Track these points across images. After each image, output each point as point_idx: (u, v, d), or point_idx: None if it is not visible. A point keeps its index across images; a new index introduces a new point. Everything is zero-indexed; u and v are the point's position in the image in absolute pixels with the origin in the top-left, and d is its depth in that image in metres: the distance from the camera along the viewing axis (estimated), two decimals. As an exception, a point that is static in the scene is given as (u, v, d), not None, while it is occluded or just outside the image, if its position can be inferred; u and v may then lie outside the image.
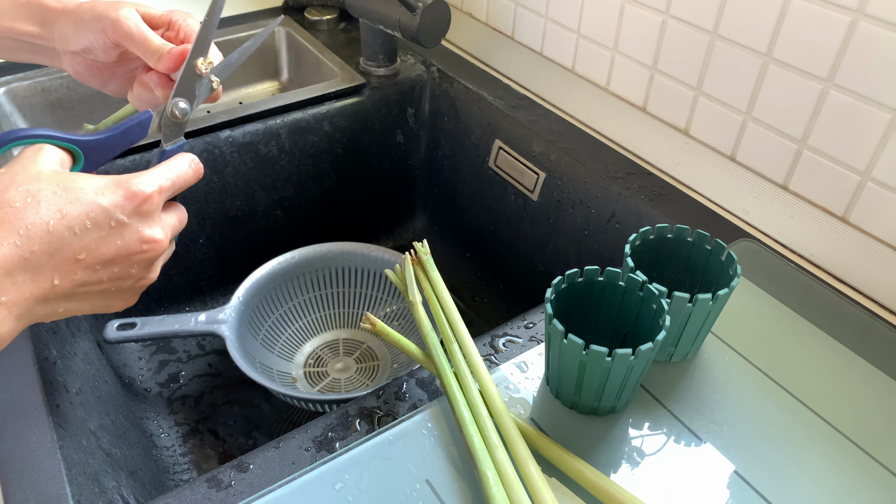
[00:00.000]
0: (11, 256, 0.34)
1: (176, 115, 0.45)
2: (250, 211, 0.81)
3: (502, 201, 0.83)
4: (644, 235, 0.48)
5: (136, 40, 0.47)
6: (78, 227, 0.36)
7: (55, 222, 0.35)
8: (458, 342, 0.45)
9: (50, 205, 0.36)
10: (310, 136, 0.81)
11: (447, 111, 0.87)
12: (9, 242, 0.34)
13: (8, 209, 0.35)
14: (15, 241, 0.34)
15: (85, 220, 0.36)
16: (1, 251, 0.34)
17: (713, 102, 0.63)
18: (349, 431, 0.43)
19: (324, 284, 0.78)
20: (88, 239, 0.36)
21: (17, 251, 0.34)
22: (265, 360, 0.72)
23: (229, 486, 0.40)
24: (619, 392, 0.42)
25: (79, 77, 0.50)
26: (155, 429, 0.70)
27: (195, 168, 0.43)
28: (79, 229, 0.36)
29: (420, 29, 0.71)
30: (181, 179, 0.42)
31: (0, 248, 0.34)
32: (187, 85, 0.45)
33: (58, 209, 0.36)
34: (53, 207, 0.36)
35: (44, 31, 0.48)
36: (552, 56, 0.80)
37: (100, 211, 0.37)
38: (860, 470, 0.42)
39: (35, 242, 0.35)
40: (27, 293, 0.35)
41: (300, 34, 0.93)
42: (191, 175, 0.43)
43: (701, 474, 0.41)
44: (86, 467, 0.44)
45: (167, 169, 0.41)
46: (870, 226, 0.54)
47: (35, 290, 0.35)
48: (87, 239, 0.36)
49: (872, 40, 0.50)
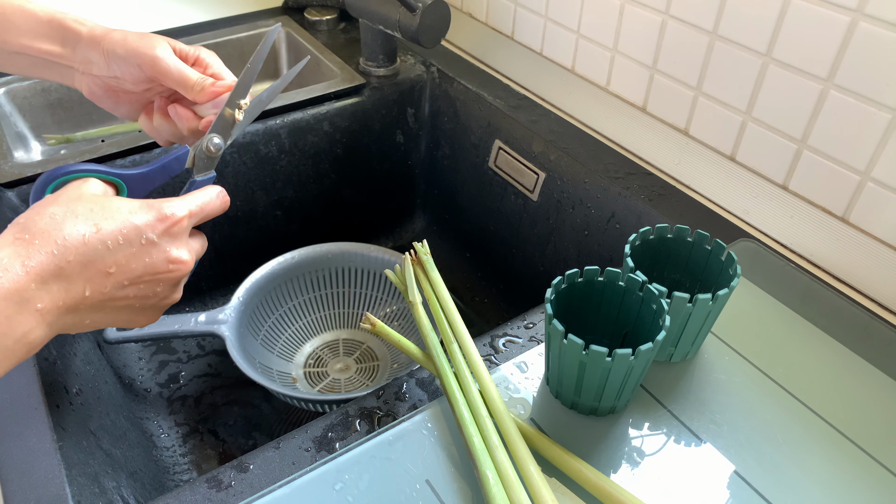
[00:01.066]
0: (48, 265, 0.36)
1: (210, 149, 0.48)
2: (250, 211, 0.81)
3: (502, 201, 0.83)
4: (644, 235, 0.48)
5: (174, 77, 0.49)
6: (111, 241, 0.38)
7: (90, 235, 0.37)
8: (458, 342, 0.45)
9: (87, 220, 0.38)
10: (309, 137, 0.81)
11: (447, 111, 0.87)
12: (47, 251, 0.36)
13: (49, 220, 0.37)
14: (52, 250, 0.36)
15: (118, 236, 0.38)
16: (39, 259, 0.36)
17: (713, 102, 0.63)
18: (349, 432, 0.43)
19: (324, 285, 0.78)
20: (120, 254, 0.38)
21: (54, 260, 0.36)
22: (265, 360, 0.72)
23: (229, 487, 0.40)
24: (619, 392, 0.42)
25: (92, 97, 0.52)
26: (155, 429, 0.70)
27: (222, 199, 0.46)
28: (112, 244, 0.38)
29: (420, 29, 0.71)
30: (209, 207, 0.45)
31: (38, 255, 0.36)
32: (224, 123, 0.49)
33: (94, 223, 0.38)
34: (90, 222, 0.38)
35: (65, 52, 0.49)
36: (552, 56, 0.80)
37: (132, 229, 0.39)
38: (860, 470, 0.42)
39: (71, 253, 0.37)
40: (60, 301, 0.37)
41: (300, 34, 0.93)
42: (218, 205, 0.46)
43: (701, 474, 0.41)
44: (86, 468, 0.44)
45: (197, 197, 0.44)
46: (870, 226, 0.54)
47: (67, 299, 0.37)
48: (118, 254, 0.38)
49: (872, 40, 0.50)
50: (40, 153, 0.81)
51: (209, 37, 0.90)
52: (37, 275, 0.35)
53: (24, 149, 0.80)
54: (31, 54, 0.49)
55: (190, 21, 0.95)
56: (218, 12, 0.98)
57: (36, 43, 0.49)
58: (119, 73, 0.49)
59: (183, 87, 0.49)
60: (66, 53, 0.49)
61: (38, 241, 0.36)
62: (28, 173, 0.65)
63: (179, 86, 0.49)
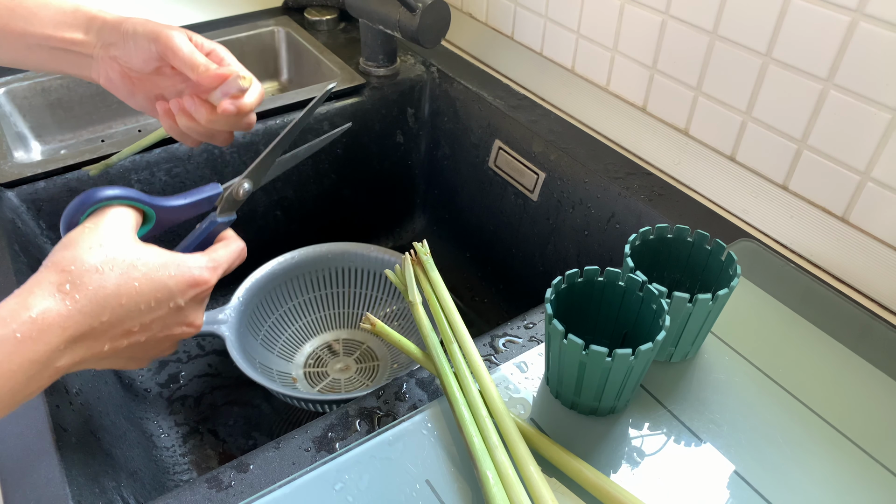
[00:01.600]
0: (81, 326, 0.36)
1: (240, 194, 0.49)
2: (250, 211, 0.81)
3: (502, 201, 0.83)
4: (644, 235, 0.48)
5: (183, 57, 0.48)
6: (144, 304, 0.38)
7: (128, 299, 0.37)
8: (458, 342, 0.45)
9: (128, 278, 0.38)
10: (310, 137, 0.81)
11: (447, 111, 0.87)
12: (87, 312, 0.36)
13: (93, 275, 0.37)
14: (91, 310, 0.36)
15: (151, 300, 0.39)
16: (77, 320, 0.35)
17: (713, 102, 0.63)
18: (349, 432, 0.43)
19: (324, 285, 0.78)
20: (148, 317, 0.39)
21: (89, 321, 0.36)
22: (265, 360, 0.72)
23: (229, 487, 0.40)
24: (618, 392, 0.42)
25: (108, 84, 0.52)
26: (155, 429, 0.70)
27: (243, 257, 0.47)
28: (144, 307, 0.38)
29: (420, 29, 0.71)
30: (232, 267, 0.46)
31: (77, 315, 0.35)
32: (260, 171, 0.50)
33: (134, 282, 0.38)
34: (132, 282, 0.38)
35: (87, 39, 0.50)
36: (552, 56, 0.80)
37: (166, 293, 0.39)
38: (860, 470, 0.42)
39: (106, 313, 0.37)
40: (79, 358, 0.37)
41: (300, 34, 0.93)
42: (238, 263, 0.47)
43: (701, 474, 0.41)
44: (86, 468, 0.44)
45: (226, 256, 0.45)
46: (870, 226, 0.54)
47: (87, 355, 0.37)
48: (146, 317, 0.39)
49: (872, 40, 0.50)
50: (40, 153, 0.81)
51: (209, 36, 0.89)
52: (70, 338, 0.35)
53: (23, 149, 0.80)
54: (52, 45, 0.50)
55: (190, 21, 0.95)
56: (218, 12, 0.98)
57: (59, 32, 0.49)
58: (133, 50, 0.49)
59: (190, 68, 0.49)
60: (89, 40, 0.50)
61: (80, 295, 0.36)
62: (28, 173, 0.65)
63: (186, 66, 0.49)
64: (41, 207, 0.67)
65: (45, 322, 0.34)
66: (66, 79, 0.80)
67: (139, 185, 0.71)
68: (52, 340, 0.34)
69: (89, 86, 0.82)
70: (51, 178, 0.67)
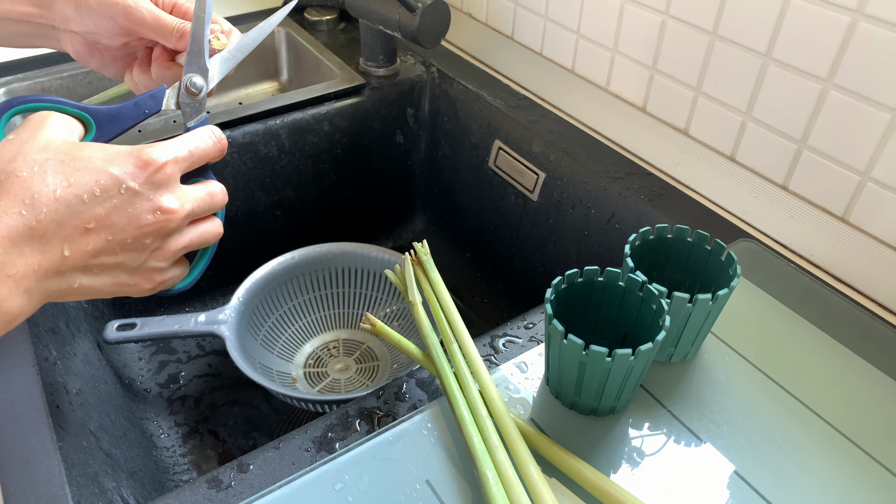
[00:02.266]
0: (17, 226, 0.33)
1: (191, 90, 0.45)
2: (250, 211, 0.81)
3: (502, 201, 0.83)
4: (644, 236, 0.48)
5: (150, 25, 0.46)
6: (87, 194, 0.35)
7: (62, 190, 0.34)
8: (458, 342, 0.45)
9: (57, 173, 0.35)
10: (309, 137, 0.81)
11: (447, 111, 0.87)
12: (14, 212, 0.33)
13: (14, 179, 0.34)
14: (20, 210, 0.33)
15: (93, 188, 0.35)
16: (5, 221, 0.33)
17: (713, 102, 0.63)
18: (349, 432, 0.43)
19: (323, 285, 0.78)
20: (98, 208, 0.35)
21: (23, 220, 0.33)
22: (265, 360, 0.72)
23: (229, 487, 0.40)
24: (618, 392, 0.42)
25: (78, 57, 0.50)
26: (155, 429, 0.70)
27: (217, 140, 0.42)
28: (87, 197, 0.35)
29: (420, 29, 0.71)
30: (200, 151, 0.41)
31: (5, 217, 0.33)
32: (198, 60, 0.45)
33: (65, 177, 0.35)
34: (60, 176, 0.35)
35: (42, 11, 0.47)
36: (552, 56, 0.80)
37: (109, 178, 0.36)
38: (860, 470, 0.42)
39: (41, 211, 0.34)
40: (36, 265, 0.34)
41: (300, 34, 0.93)
42: (212, 147, 0.42)
43: (701, 474, 0.41)
44: (86, 468, 0.44)
45: (185, 140, 0.40)
46: (869, 226, 0.54)
47: (44, 261, 0.34)
48: (96, 208, 0.35)
49: (872, 40, 0.50)
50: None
51: (209, 37, 0.90)
52: (5, 238, 0.33)
53: (23, 149, 0.80)
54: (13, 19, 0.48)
55: (190, 21, 0.95)
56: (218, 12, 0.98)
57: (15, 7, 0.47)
58: (93, 28, 0.47)
59: (161, 36, 0.46)
60: (45, 13, 0.47)
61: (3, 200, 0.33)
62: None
63: (157, 34, 0.46)
64: (41, 207, 0.67)
65: None
66: (65, 79, 0.80)
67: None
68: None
69: (89, 85, 0.82)
70: (51, 179, 0.66)
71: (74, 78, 0.81)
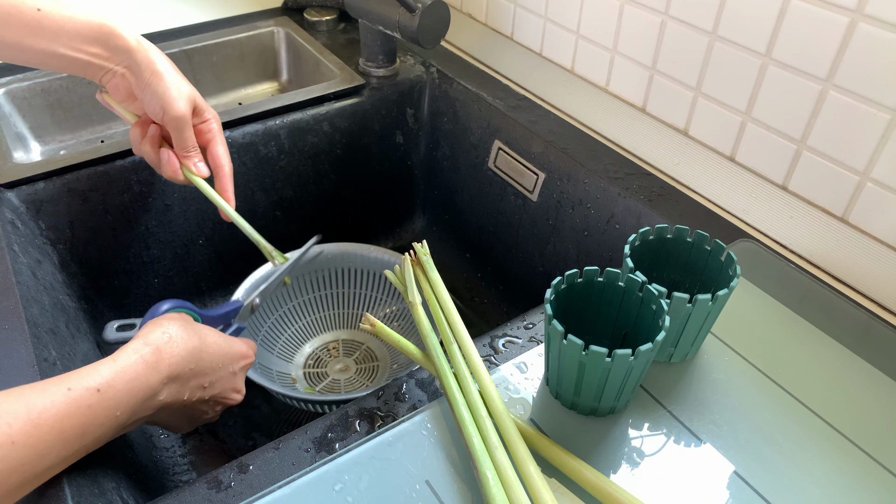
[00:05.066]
0: (179, 366, 0.44)
1: (253, 306, 0.68)
2: (250, 212, 0.81)
3: (502, 202, 0.83)
4: (643, 236, 0.48)
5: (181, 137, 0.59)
6: (216, 363, 0.49)
7: (206, 354, 0.47)
8: (458, 343, 0.45)
9: (206, 342, 0.48)
10: (309, 137, 0.81)
11: (447, 112, 0.87)
12: (181, 356, 0.45)
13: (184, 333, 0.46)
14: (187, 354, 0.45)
15: (219, 361, 0.49)
16: (175, 359, 0.44)
17: (712, 103, 0.63)
18: (349, 432, 0.43)
19: (323, 285, 0.78)
20: (215, 375, 0.49)
21: (183, 363, 0.45)
22: (265, 360, 0.72)
23: (229, 487, 0.40)
24: (618, 392, 0.42)
25: (114, 92, 0.58)
26: (154, 430, 0.70)
27: None
28: (216, 365, 0.49)
29: (419, 30, 0.71)
30: None
31: (175, 357, 0.44)
32: (270, 291, 0.70)
33: (210, 346, 0.48)
34: (208, 344, 0.48)
35: (110, 55, 0.55)
36: (551, 57, 0.80)
37: (228, 358, 0.50)
38: (860, 470, 0.42)
39: (193, 361, 0.46)
40: (169, 398, 0.44)
41: (300, 35, 0.93)
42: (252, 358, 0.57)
43: (701, 475, 0.41)
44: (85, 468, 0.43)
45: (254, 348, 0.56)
46: (869, 226, 0.54)
47: (174, 397, 0.45)
48: (215, 374, 0.49)
49: (871, 41, 0.50)
50: (40, 154, 0.81)
51: (209, 37, 0.90)
52: (170, 374, 0.43)
53: (23, 149, 0.80)
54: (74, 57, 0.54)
55: (190, 21, 0.95)
56: (218, 12, 0.98)
57: (83, 46, 0.54)
58: (146, 101, 0.57)
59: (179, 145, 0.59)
60: (112, 57, 0.55)
61: (178, 342, 0.45)
62: (27, 174, 0.65)
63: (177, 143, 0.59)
64: (41, 208, 0.67)
65: (160, 355, 0.43)
66: (66, 79, 0.80)
67: (139, 185, 0.71)
68: (163, 371, 0.43)
69: (89, 86, 0.82)
70: (50, 179, 0.67)
71: (74, 79, 0.81)
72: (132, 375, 0.41)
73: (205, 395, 0.48)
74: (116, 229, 0.72)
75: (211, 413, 0.52)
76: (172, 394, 0.44)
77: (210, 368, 0.48)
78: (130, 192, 0.71)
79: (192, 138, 0.59)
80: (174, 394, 0.45)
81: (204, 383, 0.48)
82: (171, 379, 0.44)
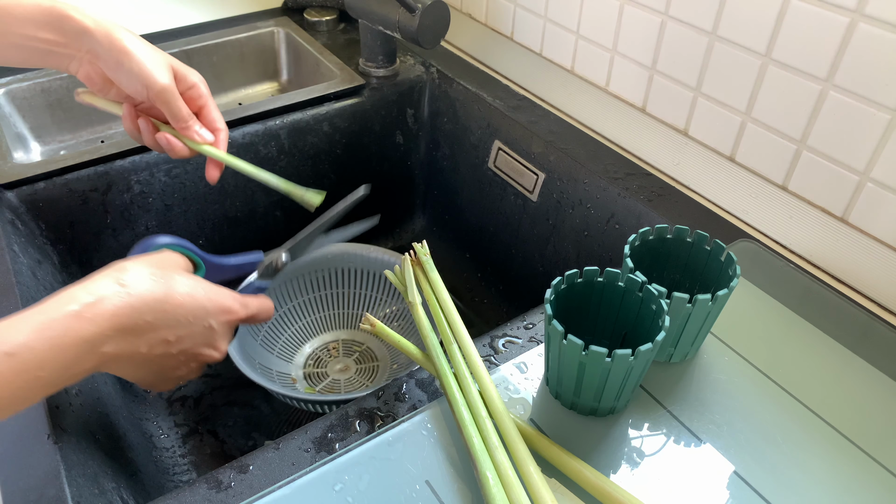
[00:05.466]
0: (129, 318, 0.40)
1: (278, 264, 0.57)
2: (250, 212, 0.81)
3: (502, 202, 0.83)
4: (643, 236, 0.48)
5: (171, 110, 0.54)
6: (183, 317, 0.43)
7: (171, 306, 0.42)
8: (458, 343, 0.45)
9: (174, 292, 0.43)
10: (309, 137, 0.81)
11: (447, 112, 0.87)
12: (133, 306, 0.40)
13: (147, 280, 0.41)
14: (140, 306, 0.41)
15: (189, 315, 0.44)
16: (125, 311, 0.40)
17: (712, 103, 0.63)
18: (349, 432, 0.43)
19: (323, 285, 0.78)
20: (184, 330, 0.43)
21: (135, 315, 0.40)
22: (265, 361, 0.72)
23: (229, 488, 0.40)
24: (618, 393, 0.42)
25: (89, 82, 0.54)
26: (155, 430, 0.70)
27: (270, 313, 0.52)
28: (183, 319, 0.43)
29: (419, 30, 0.71)
30: (259, 317, 0.50)
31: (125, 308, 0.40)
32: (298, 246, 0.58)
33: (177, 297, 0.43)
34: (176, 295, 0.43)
35: (66, 40, 0.51)
36: (551, 57, 0.80)
37: (202, 311, 0.45)
38: (860, 470, 0.42)
39: (149, 313, 0.41)
40: (119, 350, 0.40)
41: (300, 35, 0.93)
42: (264, 316, 0.51)
43: (701, 475, 0.41)
44: (85, 468, 0.44)
45: (257, 302, 0.50)
46: (869, 226, 0.54)
47: (126, 350, 0.41)
48: (183, 329, 0.43)
49: (871, 41, 0.50)
50: (40, 154, 0.81)
51: (209, 37, 0.90)
52: (118, 326, 0.39)
53: (23, 149, 0.80)
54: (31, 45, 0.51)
55: (190, 21, 0.95)
56: (218, 12, 0.98)
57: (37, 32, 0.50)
58: (124, 83, 0.53)
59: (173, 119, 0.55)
60: (69, 42, 0.51)
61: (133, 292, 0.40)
62: (27, 174, 0.65)
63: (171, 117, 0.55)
64: (41, 208, 0.67)
65: (101, 306, 0.38)
66: (66, 79, 0.80)
67: (139, 185, 0.71)
68: (102, 324, 0.38)
69: (89, 86, 0.82)
70: (50, 179, 0.67)
71: (73, 79, 0.81)
72: (58, 331, 0.36)
73: (171, 349, 0.43)
74: (116, 229, 0.72)
75: (184, 370, 0.47)
76: (123, 346, 0.40)
77: (175, 321, 0.43)
78: (130, 192, 0.71)
79: (184, 107, 0.55)
80: (126, 346, 0.40)
81: (168, 337, 0.43)
82: (117, 331, 0.39)
